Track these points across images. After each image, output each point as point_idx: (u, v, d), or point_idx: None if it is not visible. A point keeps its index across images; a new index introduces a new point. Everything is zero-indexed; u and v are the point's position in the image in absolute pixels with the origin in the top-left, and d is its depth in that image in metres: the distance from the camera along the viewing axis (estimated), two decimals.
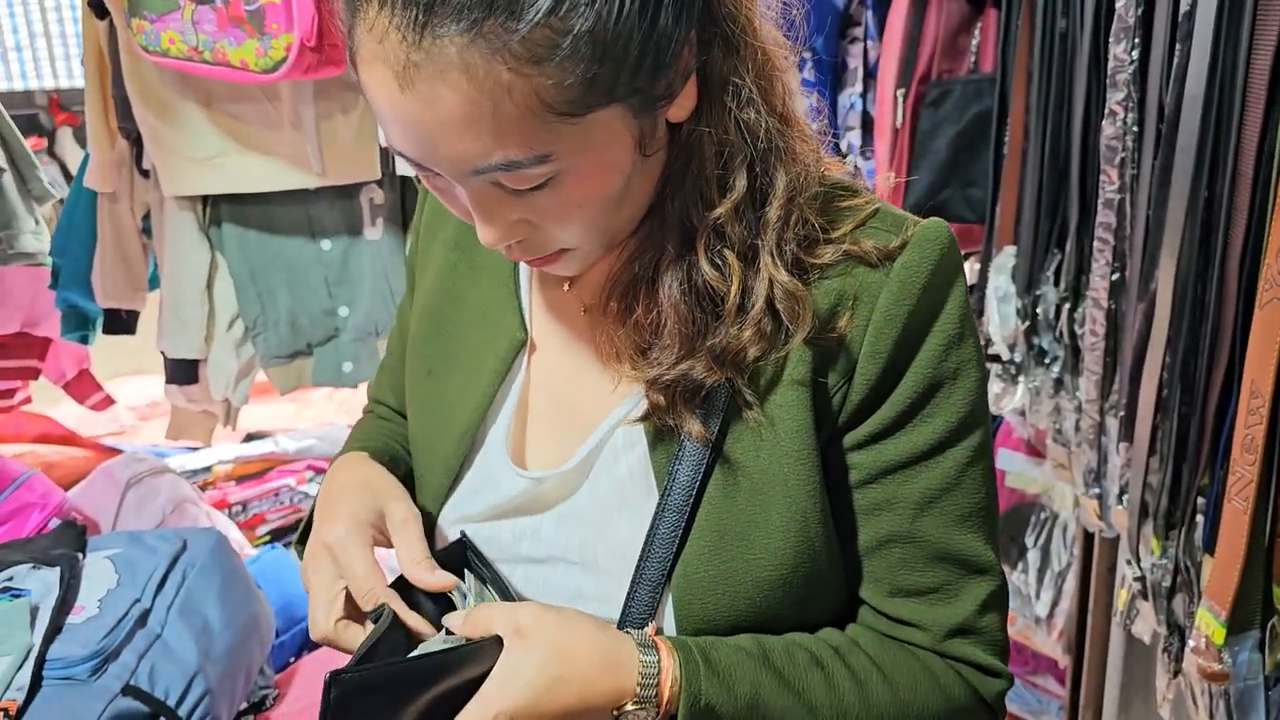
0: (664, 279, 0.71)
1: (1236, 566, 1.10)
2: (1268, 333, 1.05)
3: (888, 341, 0.71)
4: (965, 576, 0.75)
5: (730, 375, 0.71)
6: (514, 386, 0.81)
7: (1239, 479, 1.10)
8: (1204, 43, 1.14)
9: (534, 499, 0.79)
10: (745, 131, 0.69)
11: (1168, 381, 1.26)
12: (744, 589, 0.73)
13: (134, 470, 1.67)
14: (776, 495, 0.72)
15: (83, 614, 1.17)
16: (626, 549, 0.75)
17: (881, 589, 0.76)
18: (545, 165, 0.63)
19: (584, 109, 0.62)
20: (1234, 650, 1.14)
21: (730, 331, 0.70)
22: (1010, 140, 1.59)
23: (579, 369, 0.79)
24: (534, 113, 0.61)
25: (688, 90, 0.68)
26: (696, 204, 0.70)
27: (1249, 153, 1.10)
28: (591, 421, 0.77)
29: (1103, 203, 1.37)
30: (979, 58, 1.69)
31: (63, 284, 1.78)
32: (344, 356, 1.70)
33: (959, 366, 0.73)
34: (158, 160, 1.55)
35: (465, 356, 0.84)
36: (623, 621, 0.75)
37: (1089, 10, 1.37)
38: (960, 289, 0.73)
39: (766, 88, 0.70)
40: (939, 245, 0.72)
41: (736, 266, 0.70)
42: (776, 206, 0.70)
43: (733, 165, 0.69)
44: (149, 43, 1.35)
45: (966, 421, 0.74)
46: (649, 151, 0.68)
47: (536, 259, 0.72)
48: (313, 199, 1.61)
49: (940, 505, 0.74)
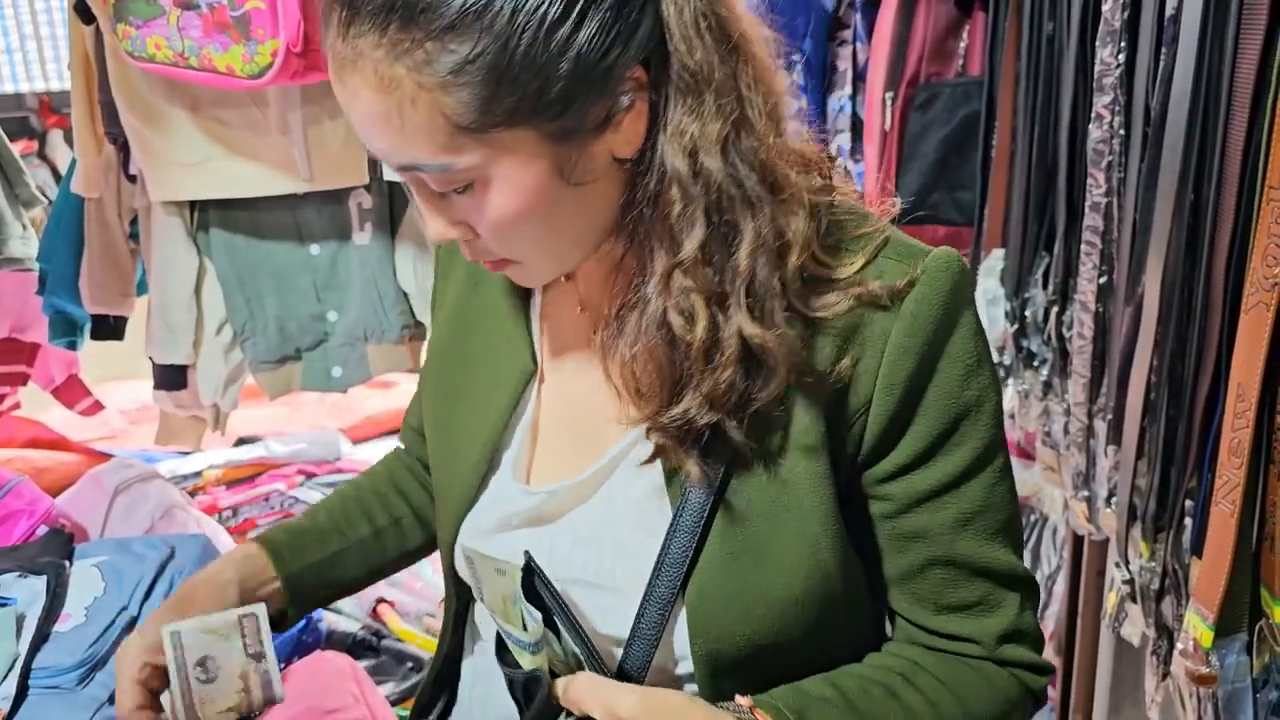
0: (641, 320, 0.71)
1: (1224, 569, 1.10)
2: (1254, 336, 1.06)
3: (902, 374, 0.72)
4: (1003, 586, 0.78)
5: (727, 415, 0.71)
6: (526, 413, 0.83)
7: (1226, 482, 1.10)
8: (1189, 46, 1.14)
9: (545, 513, 0.81)
10: (702, 178, 0.68)
11: (1155, 385, 1.26)
12: (757, 609, 0.74)
13: (122, 476, 1.66)
14: (789, 521, 0.73)
15: (69, 622, 1.16)
16: (641, 568, 0.75)
17: (928, 609, 0.78)
18: (453, 174, 0.66)
19: (484, 128, 0.64)
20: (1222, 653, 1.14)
21: (710, 374, 0.70)
22: (998, 143, 1.59)
23: (591, 391, 0.80)
24: (436, 124, 0.64)
25: (634, 128, 0.68)
26: (662, 246, 0.70)
27: (1234, 156, 1.10)
28: (604, 442, 0.78)
29: (1090, 206, 1.37)
30: (967, 61, 1.70)
31: (50, 289, 1.77)
32: (333, 361, 1.70)
33: (980, 394, 0.74)
34: (144, 165, 1.55)
35: (478, 385, 0.86)
36: (632, 638, 0.76)
37: (1075, 14, 1.37)
38: (972, 316, 0.74)
39: (734, 135, 0.69)
40: (950, 276, 0.73)
41: (704, 312, 0.69)
42: (745, 254, 0.69)
43: (689, 211, 0.68)
44: (134, 48, 1.35)
45: (991, 445, 0.76)
46: (576, 180, 0.68)
47: (488, 262, 0.75)
48: (301, 204, 1.61)
49: (974, 526, 0.76)
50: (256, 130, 1.51)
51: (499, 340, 0.85)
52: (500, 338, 0.85)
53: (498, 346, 0.85)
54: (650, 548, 0.75)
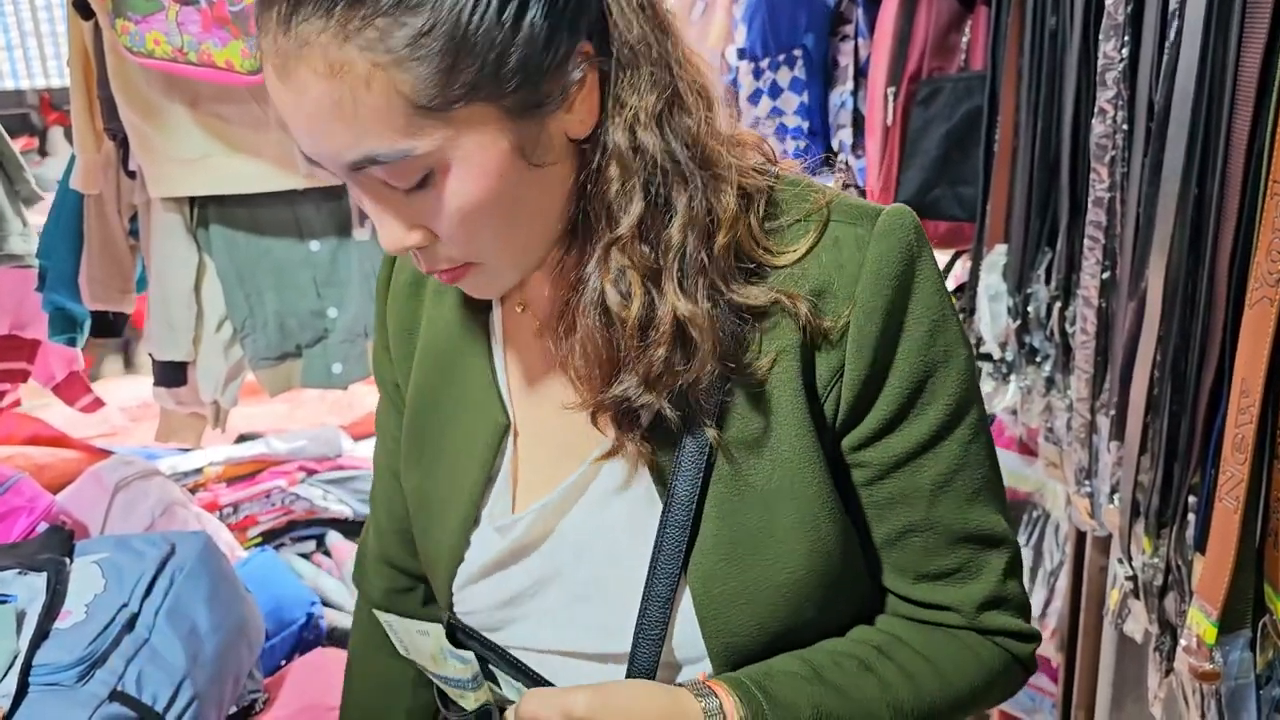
0: (581, 300, 0.71)
1: (1227, 566, 1.10)
2: (1257, 331, 1.05)
3: (871, 335, 0.71)
4: (985, 550, 0.77)
5: (666, 398, 0.70)
6: (504, 467, 0.82)
7: (1229, 478, 1.10)
8: (1193, 40, 1.14)
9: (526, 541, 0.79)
10: (640, 153, 0.69)
11: (1158, 380, 1.26)
12: (765, 596, 0.73)
13: (122, 473, 1.66)
14: (784, 501, 0.73)
15: (69, 619, 1.16)
16: (637, 569, 0.75)
17: (907, 577, 0.78)
18: (411, 161, 0.64)
19: (444, 104, 0.63)
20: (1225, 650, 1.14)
21: (645, 353, 0.70)
22: (1000, 138, 1.58)
23: (562, 419, 0.78)
24: (393, 105, 0.62)
25: (587, 105, 0.68)
26: (601, 223, 0.70)
27: (1238, 151, 1.10)
28: (579, 456, 0.78)
29: (1093, 201, 1.36)
30: (969, 55, 1.69)
31: (49, 286, 1.77)
32: (333, 358, 1.70)
33: (947, 348, 0.74)
34: (144, 162, 1.54)
35: (452, 448, 0.84)
36: (637, 640, 0.75)
37: (1079, 8, 1.36)
38: (930, 270, 0.73)
39: (668, 110, 0.70)
40: (904, 231, 0.72)
41: (639, 289, 0.69)
42: (677, 228, 0.69)
43: (630, 184, 0.69)
44: (134, 44, 1.35)
45: (963, 401, 0.75)
46: (537, 161, 0.67)
47: (445, 272, 0.72)
48: (300, 200, 1.60)
49: (952, 488, 0.75)
50: (256, 126, 1.51)
51: (469, 398, 0.83)
52: (470, 395, 0.83)
53: (469, 405, 0.83)
54: (645, 550, 0.75)
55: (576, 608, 0.78)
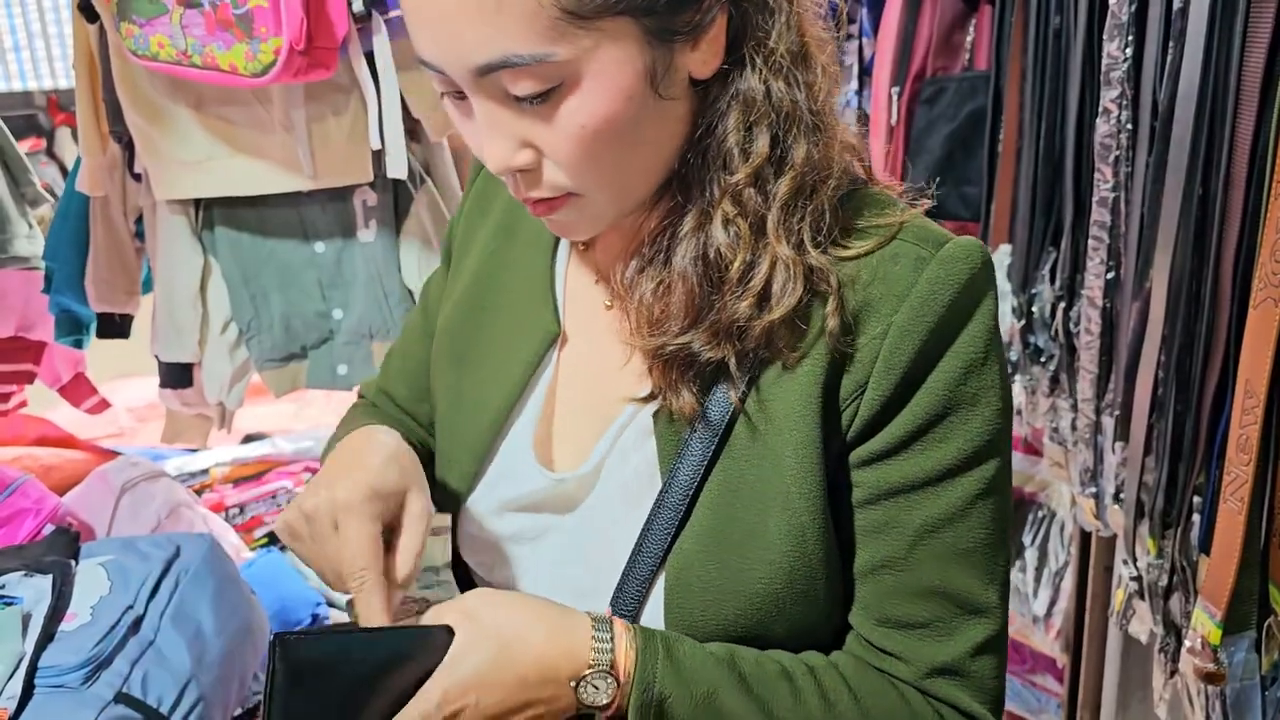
0: (679, 247, 0.70)
1: (1232, 567, 1.10)
2: (1262, 332, 1.05)
3: (903, 357, 0.69)
4: (960, 615, 0.72)
5: (726, 352, 0.70)
6: (543, 379, 0.82)
7: (1234, 479, 1.10)
8: (1197, 39, 1.13)
9: (555, 498, 0.79)
10: (771, 98, 0.69)
11: (1163, 380, 1.25)
12: (735, 599, 0.72)
13: (128, 475, 1.66)
14: (775, 506, 0.71)
15: (75, 621, 1.16)
16: (624, 544, 0.75)
17: (870, 616, 0.74)
18: (547, 67, 0.62)
19: (592, 12, 0.62)
20: (1230, 651, 1.14)
21: (729, 302, 0.69)
22: (1005, 138, 1.58)
23: (601, 366, 0.79)
24: (541, 5, 0.61)
25: (713, 46, 0.68)
26: (718, 168, 0.70)
27: (1243, 150, 1.10)
28: (610, 413, 0.77)
29: (1097, 200, 1.36)
30: (973, 55, 1.69)
31: (56, 288, 1.77)
32: (338, 359, 1.70)
33: (978, 392, 0.70)
34: (149, 164, 1.55)
35: (498, 346, 0.84)
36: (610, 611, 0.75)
37: (1083, 7, 1.36)
38: (988, 313, 0.71)
39: (801, 64, 0.70)
40: (969, 265, 0.70)
41: (747, 236, 0.69)
42: (789, 179, 0.69)
43: (756, 130, 0.69)
44: (138, 46, 1.35)
45: (981, 451, 0.71)
46: (663, 91, 0.67)
47: (543, 202, 0.70)
48: (305, 201, 1.61)
49: (940, 537, 0.71)
50: (261, 128, 1.51)
51: (523, 303, 0.83)
52: (525, 298, 0.83)
53: (522, 307, 0.83)
54: (636, 524, 0.74)
55: (565, 565, 0.78)
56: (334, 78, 1.39)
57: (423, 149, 1.66)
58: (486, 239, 0.88)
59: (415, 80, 1.52)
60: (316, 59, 1.30)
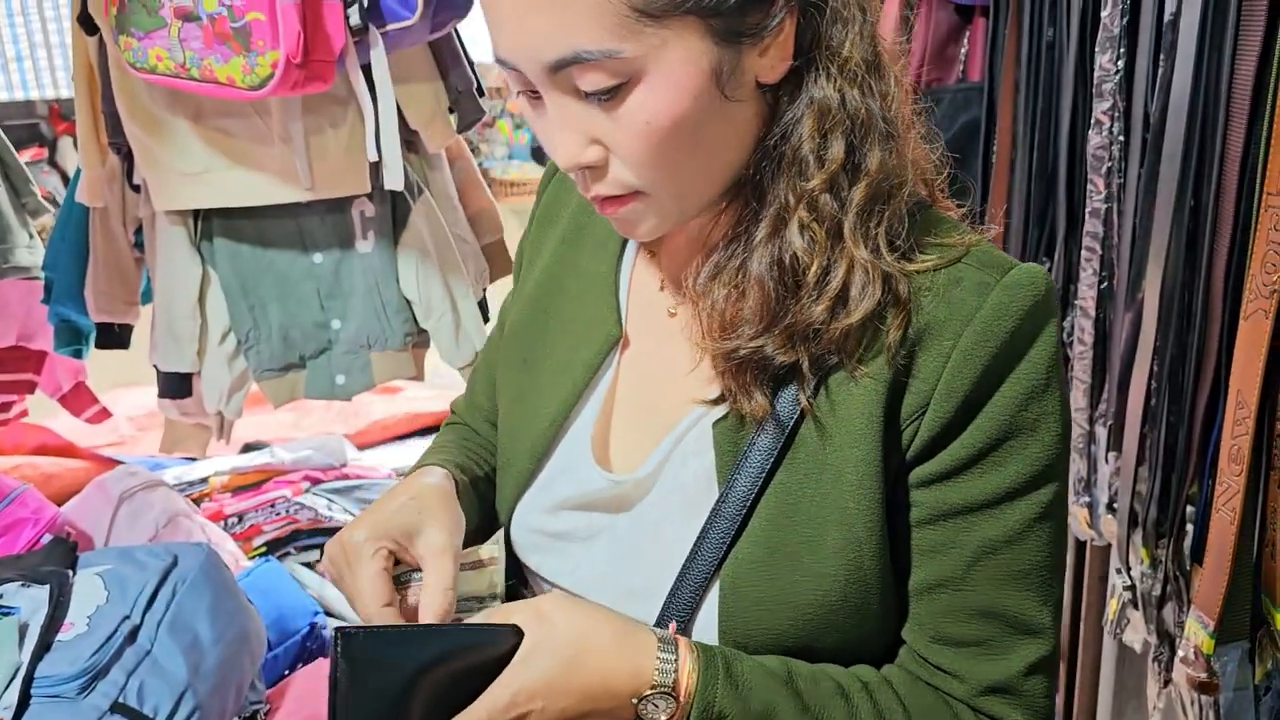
0: (755, 253, 0.71)
1: (1224, 577, 1.10)
2: (1253, 343, 1.05)
3: (965, 382, 0.70)
4: (1014, 635, 0.73)
5: (800, 355, 0.71)
6: (603, 381, 0.83)
7: (1226, 489, 1.10)
8: (1188, 53, 1.14)
9: (610, 499, 0.80)
10: (846, 105, 0.69)
11: (1156, 391, 1.26)
12: (788, 610, 0.73)
13: (127, 484, 1.66)
14: (832, 521, 0.72)
15: (71, 631, 1.17)
16: (678, 550, 0.75)
17: (925, 633, 0.75)
18: (615, 63, 0.64)
19: (660, 10, 0.63)
20: (1223, 660, 1.14)
21: (805, 306, 0.70)
22: (998, 149, 1.59)
23: (663, 371, 0.80)
24: (610, 2, 0.62)
25: (780, 51, 0.69)
26: (794, 174, 0.70)
27: (1233, 163, 1.10)
28: (671, 419, 0.78)
29: (1090, 212, 1.37)
30: (967, 66, 1.69)
31: (55, 298, 1.78)
32: (336, 369, 1.70)
33: (1039, 418, 0.71)
34: (148, 175, 1.56)
35: (561, 348, 0.85)
36: (661, 619, 0.75)
37: (1075, 20, 1.37)
38: (1050, 340, 0.72)
39: (874, 73, 0.71)
40: (1033, 291, 0.71)
41: (824, 241, 0.70)
42: (864, 185, 0.70)
43: (831, 137, 0.70)
44: (137, 59, 1.36)
45: (1040, 476, 0.72)
46: (729, 92, 0.67)
47: (610, 200, 0.72)
48: (304, 212, 1.61)
49: (997, 558, 0.72)
50: (259, 139, 1.52)
51: (587, 306, 0.85)
52: (588, 301, 0.85)
53: (585, 310, 0.84)
54: (692, 532, 0.75)
55: (617, 565, 0.79)
56: (332, 90, 1.40)
57: (421, 160, 1.67)
58: (554, 245, 0.90)
59: (412, 93, 1.53)
60: (314, 72, 1.31)
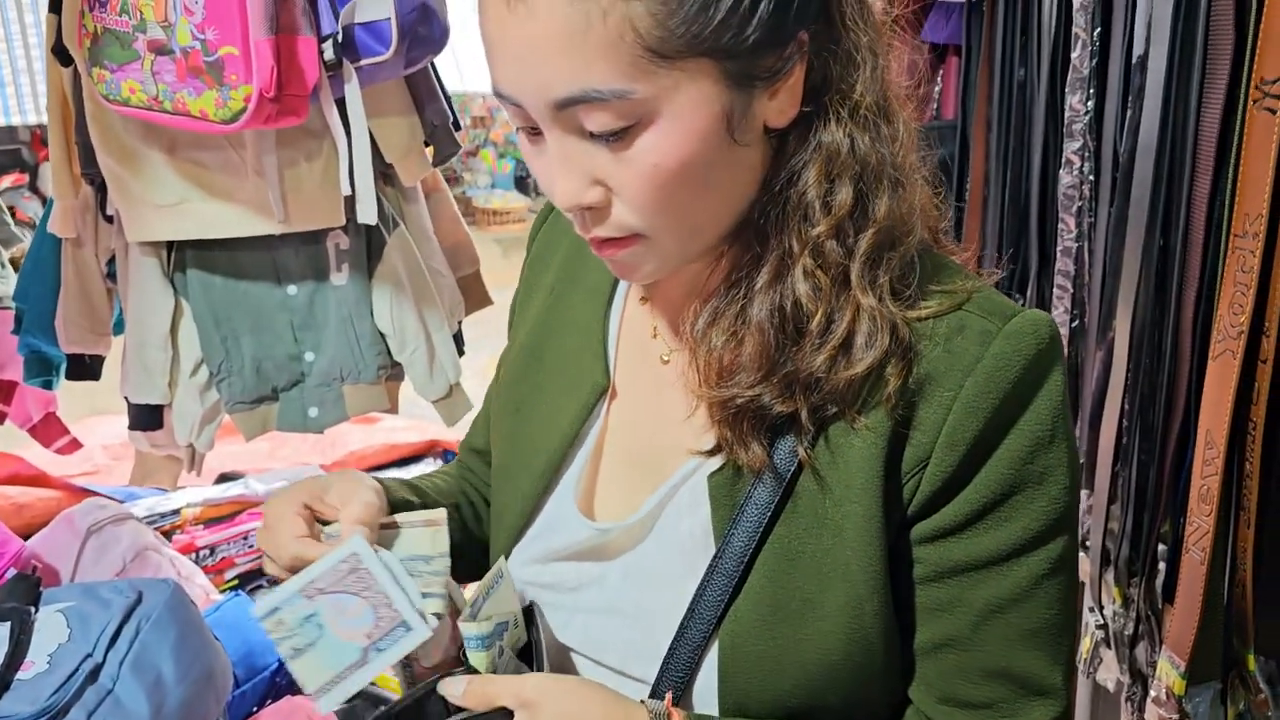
0: (756, 299, 0.70)
1: (1195, 617, 1.10)
2: (1221, 384, 1.06)
3: (968, 433, 0.68)
4: (1024, 697, 0.71)
5: (799, 405, 0.69)
6: (592, 432, 0.82)
7: (1196, 529, 1.10)
8: (1156, 94, 1.15)
9: (599, 548, 0.79)
10: (855, 151, 0.68)
11: (1127, 429, 1.26)
12: (790, 669, 0.71)
13: (95, 517, 1.64)
14: (835, 579, 0.70)
15: (32, 670, 1.15)
16: (678, 608, 0.74)
17: (932, 693, 0.73)
18: (625, 104, 0.62)
19: (674, 51, 0.62)
20: (1195, 701, 1.14)
21: (806, 355, 0.68)
22: (971, 186, 1.60)
23: (655, 420, 0.79)
24: (624, 41, 0.61)
25: (790, 95, 0.67)
26: (799, 220, 0.69)
27: (1201, 204, 1.11)
28: (664, 469, 0.77)
29: (1061, 250, 1.38)
30: (941, 104, 1.71)
31: (26, 329, 1.76)
32: (309, 402, 1.69)
33: (1045, 471, 0.69)
34: (121, 206, 1.55)
35: (550, 398, 0.84)
36: (659, 680, 0.74)
37: (1046, 60, 1.38)
38: (1056, 388, 0.69)
39: (884, 118, 0.70)
40: (1036, 340, 0.69)
41: (829, 288, 0.68)
42: (872, 233, 0.68)
43: (839, 183, 0.68)
44: (110, 91, 1.35)
45: (1047, 530, 0.70)
46: (739, 137, 0.66)
47: (609, 242, 0.70)
48: (278, 244, 1.61)
49: (1006, 616, 0.70)
50: (233, 172, 1.51)
51: (575, 355, 0.84)
52: (577, 350, 0.84)
53: (573, 360, 0.84)
54: (689, 589, 0.73)
55: (612, 619, 0.78)
56: (306, 123, 1.39)
57: (396, 193, 1.67)
58: (545, 294, 0.89)
59: (386, 127, 1.53)
60: (287, 106, 1.30)
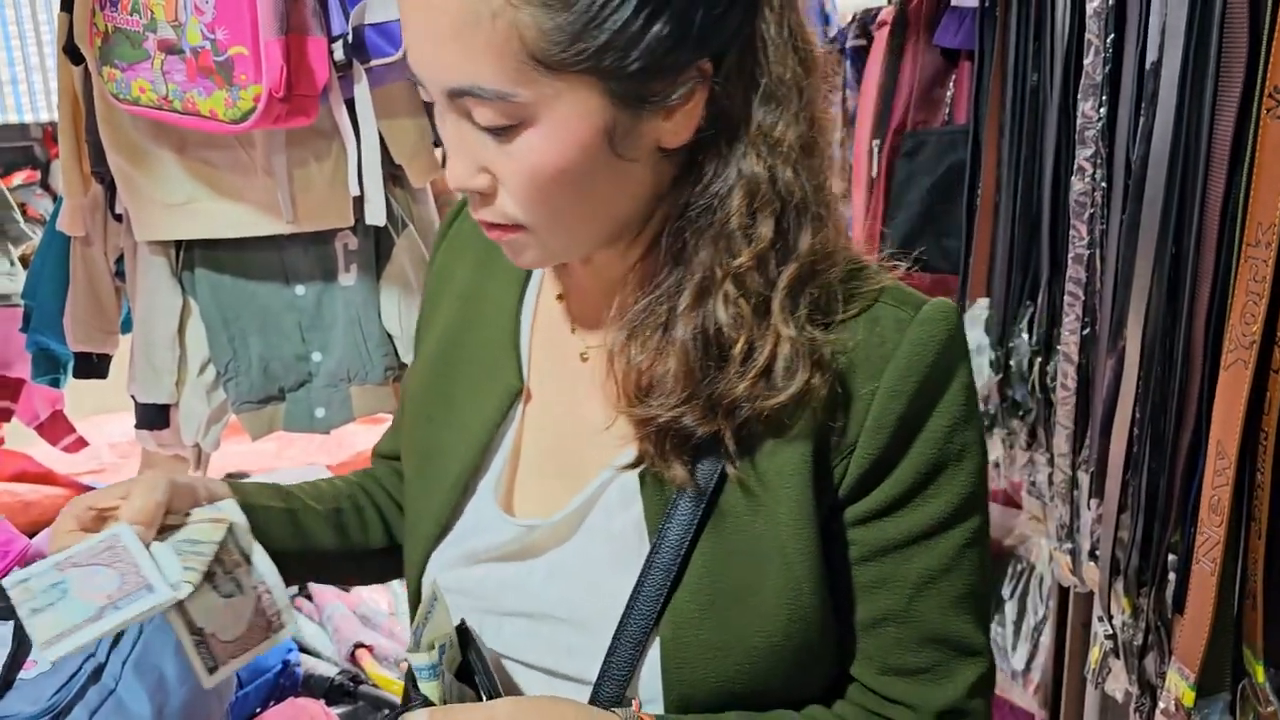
0: (679, 320, 0.71)
1: (1205, 628, 1.09)
2: (1233, 393, 1.05)
3: (892, 417, 0.71)
4: (957, 658, 0.76)
5: (722, 426, 0.70)
6: (508, 435, 0.82)
7: (1206, 540, 1.09)
8: (1168, 101, 1.14)
9: (523, 547, 0.79)
10: (777, 185, 0.69)
11: (1138, 438, 1.25)
12: (735, 655, 0.72)
13: None
14: (772, 562, 0.72)
15: (34, 669, 1.15)
16: (614, 606, 0.74)
17: (873, 666, 0.76)
18: (508, 105, 0.65)
19: (557, 64, 0.63)
20: (1204, 713, 1.13)
21: (731, 381, 0.70)
22: (983, 192, 1.59)
23: (575, 418, 0.79)
24: (510, 46, 0.63)
25: (687, 120, 0.68)
26: (721, 250, 0.70)
27: (1213, 212, 1.10)
28: (586, 472, 0.77)
29: (1072, 258, 1.37)
30: (953, 109, 1.70)
31: (34, 327, 1.77)
32: (316, 402, 1.69)
33: (963, 448, 0.73)
34: (130, 205, 1.55)
35: (462, 404, 0.84)
36: (601, 677, 0.74)
37: (1058, 66, 1.38)
38: (966, 370, 0.74)
39: (807, 152, 0.71)
40: (947, 326, 0.73)
41: (749, 317, 0.70)
42: (794, 266, 0.70)
43: (761, 216, 0.70)
44: (120, 91, 1.36)
45: (967, 504, 0.74)
46: (622, 151, 0.67)
47: (495, 227, 0.72)
48: (286, 244, 1.61)
49: (937, 586, 0.74)
50: (242, 171, 1.51)
51: (487, 359, 0.84)
52: (488, 356, 0.84)
53: (485, 365, 0.84)
54: (625, 586, 0.74)
55: (543, 622, 0.78)
56: (316, 124, 1.39)
57: (405, 194, 1.67)
58: (450, 306, 0.89)
59: (396, 128, 1.53)
60: (297, 106, 1.31)
